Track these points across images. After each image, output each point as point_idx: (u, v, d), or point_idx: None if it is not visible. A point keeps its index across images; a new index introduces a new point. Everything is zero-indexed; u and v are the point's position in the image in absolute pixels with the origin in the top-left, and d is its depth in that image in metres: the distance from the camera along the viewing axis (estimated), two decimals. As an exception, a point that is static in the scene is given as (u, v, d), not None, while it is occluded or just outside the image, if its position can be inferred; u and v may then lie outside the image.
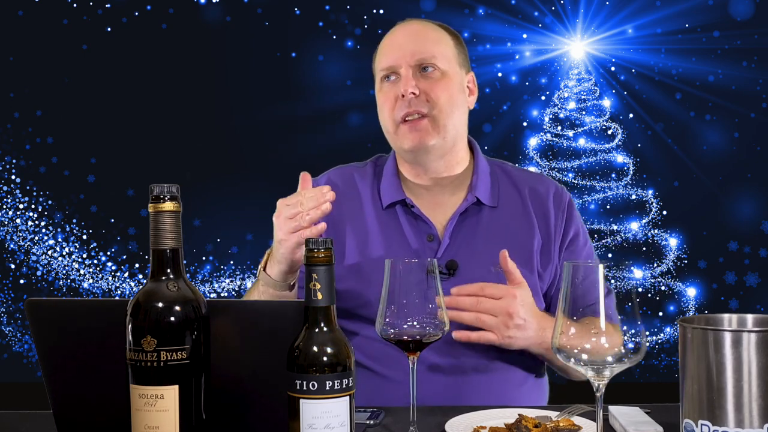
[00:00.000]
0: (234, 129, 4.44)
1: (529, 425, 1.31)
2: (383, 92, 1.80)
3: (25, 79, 4.46)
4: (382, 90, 1.80)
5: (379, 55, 1.83)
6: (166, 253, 1.13)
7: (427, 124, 1.75)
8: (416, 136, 1.75)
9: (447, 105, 1.76)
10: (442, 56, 1.78)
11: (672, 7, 4.34)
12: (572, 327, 1.07)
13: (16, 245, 4.48)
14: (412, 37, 1.79)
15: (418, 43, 1.78)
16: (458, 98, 1.80)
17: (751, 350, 1.01)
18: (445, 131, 1.76)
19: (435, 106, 1.75)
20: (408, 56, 1.76)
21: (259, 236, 4.33)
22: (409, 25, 1.84)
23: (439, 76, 1.77)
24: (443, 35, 1.82)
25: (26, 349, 4.47)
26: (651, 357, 4.30)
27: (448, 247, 1.75)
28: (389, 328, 1.28)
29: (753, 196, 4.35)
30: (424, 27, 1.83)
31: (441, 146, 1.78)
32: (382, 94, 1.80)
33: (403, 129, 1.76)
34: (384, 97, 1.79)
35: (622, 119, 4.41)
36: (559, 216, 1.82)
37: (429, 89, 1.75)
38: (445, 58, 1.78)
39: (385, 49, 1.81)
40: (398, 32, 1.83)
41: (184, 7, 4.45)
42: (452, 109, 1.77)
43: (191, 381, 1.12)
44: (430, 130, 1.75)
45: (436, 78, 1.76)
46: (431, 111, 1.74)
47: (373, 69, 1.86)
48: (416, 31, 1.81)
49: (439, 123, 1.75)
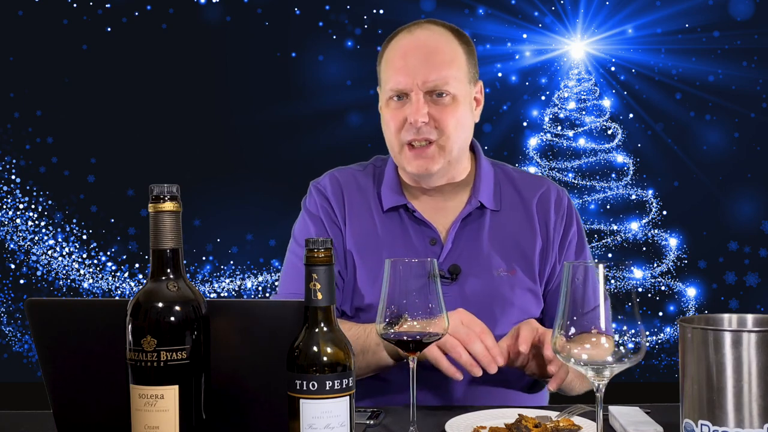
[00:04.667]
0: (234, 129, 4.44)
1: (529, 425, 1.31)
2: (390, 110, 1.72)
3: (25, 79, 4.46)
4: (389, 107, 1.73)
5: (388, 69, 1.73)
6: (166, 253, 1.13)
7: (434, 151, 1.70)
8: (422, 163, 1.71)
9: (455, 131, 1.70)
10: (454, 80, 1.70)
11: (672, 7, 4.34)
12: (572, 328, 1.07)
13: (16, 245, 4.48)
14: (426, 59, 1.69)
15: (432, 66, 1.68)
16: (466, 119, 1.74)
17: (751, 350, 1.01)
18: (450, 155, 1.72)
19: (443, 134, 1.69)
20: (420, 81, 1.67)
21: (259, 236, 4.34)
22: (420, 38, 1.72)
23: (450, 102, 1.69)
24: (457, 51, 1.73)
25: (26, 349, 4.47)
26: (651, 357, 4.30)
27: (451, 251, 1.75)
28: (389, 328, 1.28)
29: (753, 196, 4.35)
30: (438, 43, 1.72)
31: (445, 168, 1.74)
32: (388, 112, 1.73)
33: (408, 154, 1.71)
34: (390, 116, 1.72)
35: (622, 119, 4.41)
36: (559, 218, 1.81)
37: (439, 116, 1.69)
38: (457, 80, 1.70)
39: (395, 66, 1.71)
40: (410, 48, 1.71)
41: (184, 7, 4.45)
42: (459, 133, 1.72)
43: (191, 381, 1.12)
44: (436, 157, 1.71)
45: (446, 104, 1.69)
46: (439, 138, 1.70)
47: (378, 73, 1.79)
48: (430, 51, 1.70)
49: (446, 149, 1.71)
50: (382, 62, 1.78)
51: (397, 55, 1.72)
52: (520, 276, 1.75)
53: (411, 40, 1.73)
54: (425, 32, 1.74)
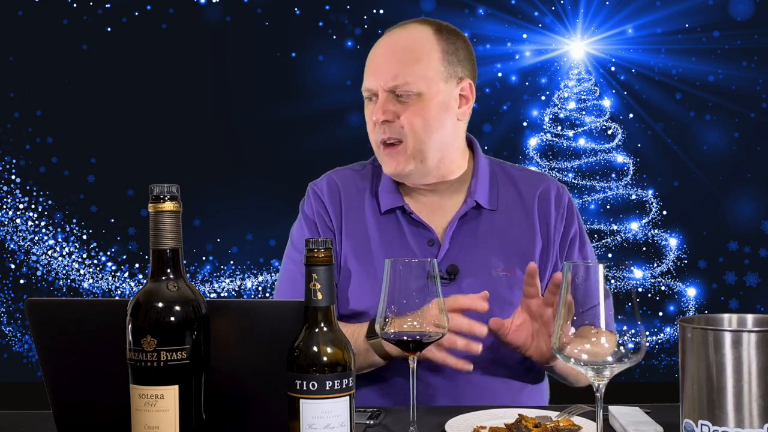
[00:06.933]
0: (234, 129, 4.44)
1: (529, 425, 1.31)
2: (366, 111, 1.76)
3: (25, 79, 4.46)
4: (367, 108, 1.76)
5: (365, 70, 1.75)
6: (166, 253, 1.13)
7: (404, 150, 1.70)
8: (393, 162, 1.71)
9: (422, 130, 1.69)
10: (419, 77, 1.67)
11: (672, 7, 4.34)
12: (572, 327, 1.07)
13: (16, 245, 4.48)
14: (390, 57, 1.70)
15: (394, 65, 1.68)
16: (439, 119, 1.71)
17: (751, 350, 1.01)
18: (422, 156, 1.70)
19: (409, 133, 1.69)
20: (382, 80, 1.68)
21: (259, 236, 4.34)
22: (392, 39, 1.74)
23: (415, 100, 1.68)
24: (430, 49, 1.71)
25: (26, 349, 4.47)
26: (651, 357, 4.30)
27: (448, 252, 1.74)
28: (389, 328, 1.28)
29: (753, 196, 4.35)
30: (408, 42, 1.72)
31: (420, 170, 1.72)
32: (366, 112, 1.77)
33: (382, 154, 1.73)
34: (367, 117, 1.76)
35: (622, 119, 4.41)
36: (559, 216, 1.80)
37: (403, 115, 1.68)
38: (423, 78, 1.68)
39: (367, 68, 1.74)
40: (379, 49, 1.74)
41: (184, 7, 4.45)
42: (429, 134, 1.70)
43: (191, 381, 1.12)
44: (406, 156, 1.70)
45: (410, 102, 1.68)
46: (405, 138, 1.69)
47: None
48: (396, 50, 1.71)
49: (415, 149, 1.70)
50: None
51: (371, 57, 1.75)
52: (519, 276, 1.74)
53: (383, 41, 1.76)
54: (402, 32, 1.75)
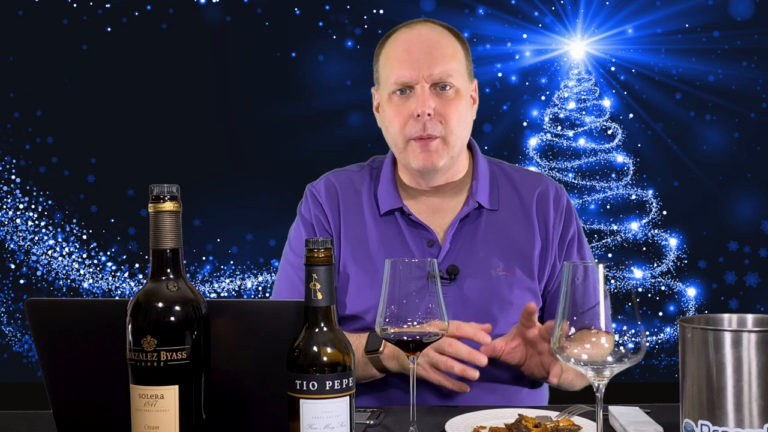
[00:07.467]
0: (234, 129, 4.44)
1: (529, 425, 1.31)
2: (394, 106, 1.72)
3: (25, 79, 4.46)
4: (393, 103, 1.72)
5: (391, 64, 1.72)
6: (166, 253, 1.13)
7: (439, 145, 1.70)
8: (427, 156, 1.70)
9: (457, 125, 1.71)
10: (457, 73, 1.71)
11: (672, 7, 4.34)
12: (572, 327, 1.07)
13: (16, 245, 4.48)
14: (430, 51, 1.70)
15: (436, 58, 1.69)
16: (467, 114, 1.75)
17: (751, 350, 1.01)
18: (453, 150, 1.72)
19: (447, 128, 1.69)
20: (426, 73, 1.68)
21: (259, 236, 4.34)
22: (422, 33, 1.73)
23: (454, 95, 1.70)
24: (456, 46, 1.74)
25: (26, 349, 4.47)
26: (651, 357, 4.30)
27: (449, 253, 1.74)
28: (389, 327, 1.28)
29: (753, 196, 4.35)
30: (439, 37, 1.73)
31: (448, 164, 1.74)
32: (392, 107, 1.72)
33: (414, 147, 1.70)
34: (395, 111, 1.71)
35: (622, 119, 4.41)
36: (558, 217, 1.80)
37: (443, 109, 1.69)
38: (459, 74, 1.72)
39: (400, 59, 1.71)
40: (412, 41, 1.72)
41: (184, 7, 4.45)
42: (462, 128, 1.73)
43: (191, 381, 1.12)
44: (440, 151, 1.70)
45: (450, 97, 1.70)
46: (443, 133, 1.69)
47: (376, 72, 1.79)
48: (433, 44, 1.71)
49: (450, 143, 1.71)
50: (381, 59, 1.77)
51: (400, 49, 1.72)
52: (518, 275, 1.75)
53: (412, 35, 1.74)
54: (425, 28, 1.75)
